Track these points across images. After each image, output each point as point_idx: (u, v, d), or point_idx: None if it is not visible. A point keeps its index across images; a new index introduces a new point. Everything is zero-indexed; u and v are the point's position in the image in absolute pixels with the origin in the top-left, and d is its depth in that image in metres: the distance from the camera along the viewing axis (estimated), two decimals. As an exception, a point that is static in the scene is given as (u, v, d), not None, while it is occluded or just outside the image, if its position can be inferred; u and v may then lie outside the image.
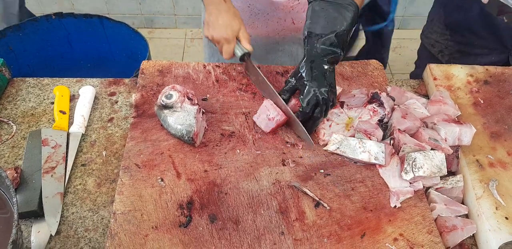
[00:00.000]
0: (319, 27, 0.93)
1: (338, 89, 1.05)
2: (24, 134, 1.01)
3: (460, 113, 1.04)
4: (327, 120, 1.01)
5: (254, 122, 1.01)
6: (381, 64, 1.17)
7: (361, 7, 0.99)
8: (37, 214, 0.86)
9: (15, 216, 0.64)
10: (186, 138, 0.94)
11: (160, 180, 0.90)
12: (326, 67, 0.93)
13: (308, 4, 0.98)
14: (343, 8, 0.94)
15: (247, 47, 1.06)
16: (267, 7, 1.23)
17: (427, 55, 1.52)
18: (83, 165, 0.96)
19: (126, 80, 1.15)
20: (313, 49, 0.94)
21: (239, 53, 1.06)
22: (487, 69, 1.16)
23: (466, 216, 0.91)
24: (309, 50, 0.94)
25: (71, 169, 0.95)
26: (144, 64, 1.14)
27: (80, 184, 0.93)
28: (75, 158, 0.97)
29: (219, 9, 1.05)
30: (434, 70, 1.15)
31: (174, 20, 2.86)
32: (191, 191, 0.88)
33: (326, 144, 0.97)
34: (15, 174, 0.88)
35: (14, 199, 0.66)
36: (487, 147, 0.99)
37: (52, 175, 0.91)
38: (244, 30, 1.06)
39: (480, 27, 1.31)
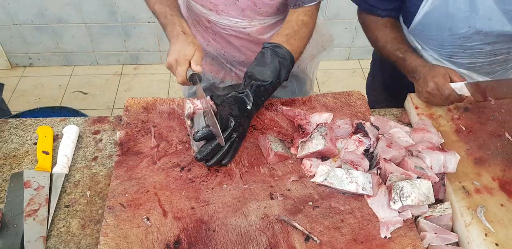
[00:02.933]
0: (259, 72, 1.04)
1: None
2: (6, 177, 0.99)
3: (443, 141, 1.06)
4: None
5: (241, 156, 1.01)
6: (363, 94, 1.19)
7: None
8: (19, 260, 0.83)
9: (-6, 264, 0.62)
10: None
11: (146, 219, 0.88)
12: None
13: (262, 48, 1.09)
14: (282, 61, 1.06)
15: (195, 68, 1.03)
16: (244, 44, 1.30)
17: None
18: (66, 206, 0.94)
19: (111, 118, 1.15)
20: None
21: (188, 73, 1.03)
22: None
23: (457, 244, 0.90)
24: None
25: (54, 211, 0.92)
26: (129, 101, 1.14)
27: (63, 226, 0.90)
28: (59, 199, 0.95)
29: (178, 39, 1.07)
30: (415, 99, 1.17)
31: (159, 56, 2.90)
32: (178, 229, 0.86)
33: (313, 176, 0.97)
34: (-4, 219, 0.86)
35: (-7, 247, 0.64)
36: (472, 173, 0.99)
37: (34, 218, 0.89)
38: (199, 55, 1.05)
39: None
